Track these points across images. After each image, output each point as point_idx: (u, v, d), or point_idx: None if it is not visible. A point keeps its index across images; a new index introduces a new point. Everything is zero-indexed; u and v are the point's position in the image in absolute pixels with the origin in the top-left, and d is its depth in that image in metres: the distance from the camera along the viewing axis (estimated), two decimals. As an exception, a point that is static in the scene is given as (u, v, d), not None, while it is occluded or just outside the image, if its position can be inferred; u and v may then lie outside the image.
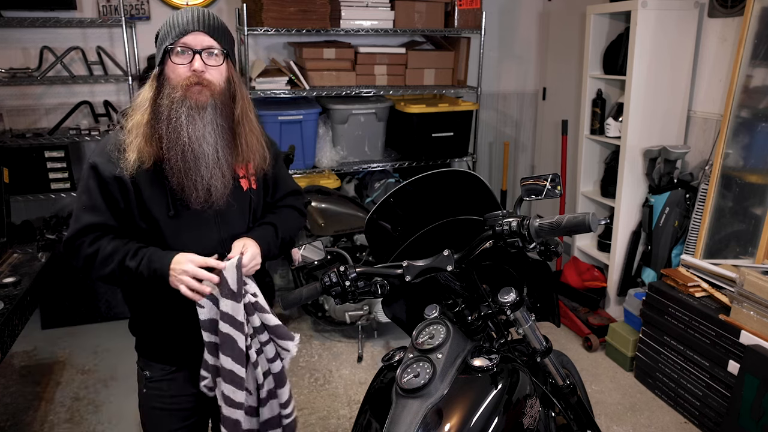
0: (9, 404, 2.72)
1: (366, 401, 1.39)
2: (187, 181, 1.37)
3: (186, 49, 1.37)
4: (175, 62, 1.37)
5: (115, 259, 1.38)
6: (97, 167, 1.39)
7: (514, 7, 4.26)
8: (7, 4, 3.24)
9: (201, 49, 1.37)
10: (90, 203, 1.40)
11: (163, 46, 1.39)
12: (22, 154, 3.25)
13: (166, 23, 1.41)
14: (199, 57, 1.37)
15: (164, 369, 1.56)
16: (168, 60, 1.38)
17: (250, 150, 1.47)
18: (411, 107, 3.62)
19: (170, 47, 1.37)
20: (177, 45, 1.36)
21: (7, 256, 2.53)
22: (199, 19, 1.38)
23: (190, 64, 1.37)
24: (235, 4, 3.64)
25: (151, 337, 1.57)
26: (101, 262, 1.38)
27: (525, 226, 1.21)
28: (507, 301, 1.34)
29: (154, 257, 1.37)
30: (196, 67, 1.36)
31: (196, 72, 1.37)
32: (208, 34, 1.38)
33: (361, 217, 3.17)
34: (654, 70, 2.97)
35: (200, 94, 1.37)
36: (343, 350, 3.20)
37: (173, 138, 1.37)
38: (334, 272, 1.36)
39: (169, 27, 1.39)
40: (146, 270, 1.36)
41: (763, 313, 2.22)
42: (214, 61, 1.40)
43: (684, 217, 3.00)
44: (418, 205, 1.52)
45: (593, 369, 3.03)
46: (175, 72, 1.38)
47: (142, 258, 1.37)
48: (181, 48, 1.37)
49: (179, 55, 1.37)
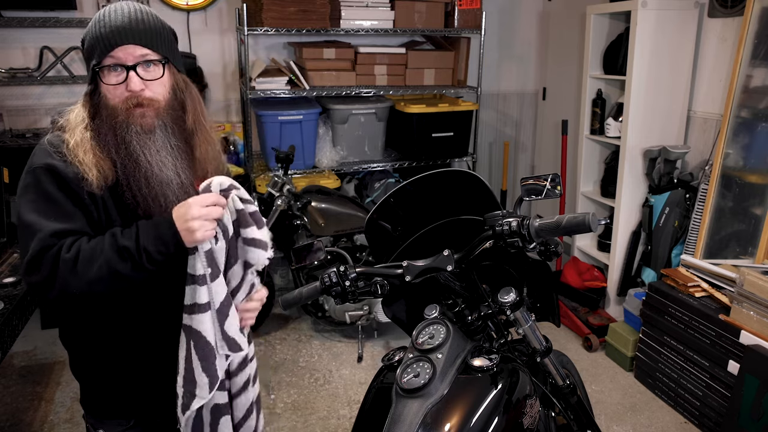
0: (9, 404, 2.72)
1: (366, 401, 1.39)
2: (155, 208, 1.20)
3: (117, 66, 1.18)
4: (108, 83, 1.18)
5: (104, 248, 1.10)
6: (55, 168, 1.16)
7: (514, 7, 4.26)
8: (7, 4, 3.25)
9: (134, 63, 1.18)
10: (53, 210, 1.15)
11: (90, 63, 1.19)
12: (22, 154, 3.21)
13: (90, 32, 1.20)
14: (134, 74, 1.18)
15: (120, 425, 1.34)
16: (99, 80, 1.20)
17: (207, 161, 1.31)
18: (411, 107, 3.62)
19: (98, 66, 1.18)
20: (105, 61, 1.17)
21: (7, 256, 2.53)
22: (125, 28, 1.17)
23: (125, 83, 1.18)
24: (235, 4, 3.64)
25: (101, 386, 1.32)
26: (85, 261, 1.09)
27: (525, 226, 1.21)
28: (507, 301, 1.34)
29: (149, 226, 1.13)
30: (133, 88, 1.18)
31: (134, 93, 1.18)
32: (140, 44, 1.18)
33: (361, 217, 3.17)
34: (654, 70, 2.97)
35: (144, 118, 1.20)
36: (343, 350, 3.20)
37: (130, 165, 1.19)
38: (334, 272, 1.36)
39: (93, 38, 1.19)
40: (151, 242, 1.10)
41: (763, 313, 2.22)
42: (152, 73, 1.21)
43: (684, 217, 2.99)
44: (418, 205, 1.52)
45: (593, 369, 3.03)
46: (110, 92, 1.19)
47: (137, 232, 1.12)
48: (111, 64, 1.17)
49: (110, 73, 1.18)
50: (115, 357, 1.30)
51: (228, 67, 3.83)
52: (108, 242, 1.11)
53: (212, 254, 1.18)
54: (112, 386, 1.32)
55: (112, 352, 1.29)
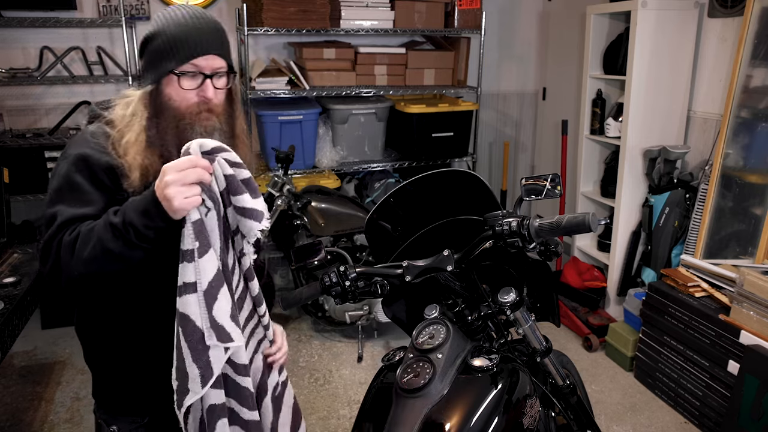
0: (9, 404, 2.72)
1: (366, 401, 1.39)
2: None
3: (196, 73, 1.21)
4: (186, 87, 1.21)
5: (96, 228, 1.09)
6: (88, 158, 1.18)
7: (514, 7, 4.26)
8: (7, 4, 3.25)
9: (212, 73, 1.23)
10: (75, 198, 1.16)
11: (166, 66, 1.21)
12: (22, 154, 3.25)
13: (166, 31, 1.21)
14: (210, 82, 1.23)
15: (135, 422, 1.33)
16: (172, 82, 1.22)
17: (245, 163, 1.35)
18: (411, 107, 3.62)
19: (180, 71, 1.20)
20: (185, 67, 1.20)
21: (7, 256, 2.53)
22: (209, 39, 1.22)
23: (200, 89, 1.22)
24: (235, 4, 3.64)
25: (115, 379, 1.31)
26: (82, 242, 1.09)
27: (525, 226, 1.21)
28: (507, 301, 1.34)
29: (136, 201, 1.09)
30: (209, 96, 1.23)
31: (206, 99, 1.23)
32: (219, 55, 1.23)
33: (361, 217, 3.17)
34: (654, 70, 2.97)
35: (208, 121, 1.24)
36: (343, 350, 3.20)
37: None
38: (334, 272, 1.36)
39: (173, 40, 1.20)
40: (136, 216, 1.06)
41: (763, 313, 2.22)
42: (222, 83, 1.27)
43: (684, 217, 3.00)
44: (418, 205, 1.52)
45: (593, 369, 3.03)
46: (181, 96, 1.22)
47: (125, 209, 1.09)
48: (191, 71, 1.21)
49: (189, 79, 1.21)
50: (128, 349, 1.29)
51: (228, 67, 3.82)
52: (102, 221, 1.09)
53: (201, 225, 1.07)
54: (125, 380, 1.31)
55: (125, 343, 1.28)
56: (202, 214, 1.08)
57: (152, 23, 1.24)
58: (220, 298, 1.09)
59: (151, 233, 1.06)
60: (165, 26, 1.22)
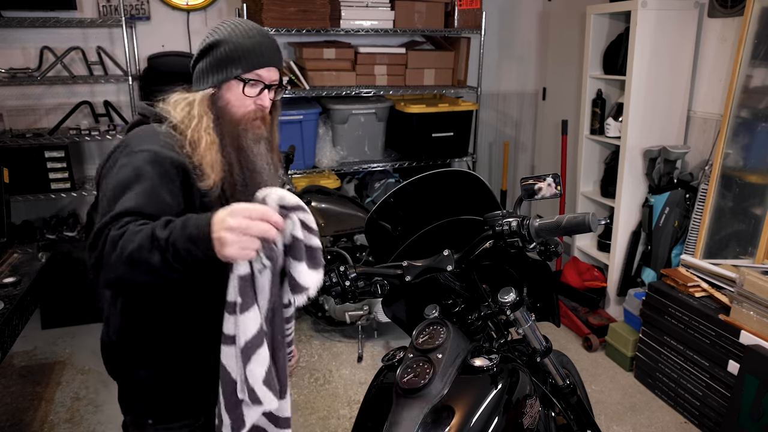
0: (9, 404, 2.72)
1: (366, 401, 1.39)
2: None
3: (258, 82, 1.30)
4: (247, 94, 1.29)
5: (142, 233, 1.01)
6: (160, 154, 1.18)
7: (514, 7, 4.26)
8: (7, 4, 3.24)
9: (270, 84, 1.32)
10: (142, 192, 1.12)
11: (232, 71, 1.27)
12: (22, 154, 3.25)
13: (233, 40, 1.28)
14: (268, 92, 1.32)
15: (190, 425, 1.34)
16: (234, 87, 1.29)
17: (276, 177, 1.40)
18: (411, 107, 3.62)
19: (246, 78, 1.28)
20: (249, 75, 1.29)
21: (7, 256, 2.53)
22: (273, 53, 1.32)
23: (258, 98, 1.31)
24: (235, 4, 3.64)
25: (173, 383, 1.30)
26: (125, 241, 1.01)
27: (525, 226, 1.21)
28: (507, 301, 1.34)
29: (189, 221, 1.00)
30: (264, 104, 1.32)
31: (262, 107, 1.32)
32: (278, 68, 1.34)
33: (361, 217, 3.17)
34: (654, 70, 2.97)
35: (259, 129, 1.32)
36: (343, 350, 3.20)
37: (248, 170, 1.29)
38: (334, 272, 1.36)
39: (242, 51, 1.27)
40: (182, 238, 0.98)
41: (763, 313, 2.22)
42: (275, 94, 1.35)
43: (684, 217, 3.00)
44: (418, 205, 1.52)
45: (593, 369, 3.03)
46: (240, 102, 1.29)
47: (176, 224, 1.01)
48: (254, 79, 1.29)
49: (251, 87, 1.29)
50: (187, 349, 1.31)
51: (228, 67, 3.82)
52: (150, 228, 1.02)
53: (247, 282, 1.00)
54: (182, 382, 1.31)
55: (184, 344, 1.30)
56: (256, 270, 1.01)
57: (216, 32, 1.31)
58: (256, 359, 1.02)
59: (190, 260, 0.98)
60: (232, 36, 1.28)
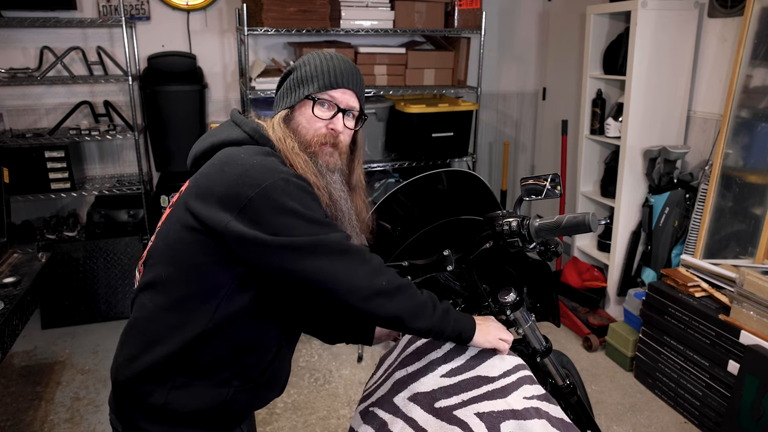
0: (9, 404, 2.72)
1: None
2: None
3: (331, 104, 1.24)
4: (318, 115, 1.23)
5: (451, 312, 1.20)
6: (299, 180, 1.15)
7: (514, 7, 4.26)
8: (7, 4, 3.25)
9: (345, 108, 1.25)
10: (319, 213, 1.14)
11: (303, 91, 1.23)
12: (22, 154, 3.25)
13: (312, 63, 1.25)
14: (341, 116, 1.24)
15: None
16: (305, 108, 1.24)
17: (360, 221, 1.32)
18: (411, 107, 3.62)
19: (317, 97, 1.23)
20: (322, 95, 1.23)
21: (7, 256, 2.53)
22: (351, 76, 1.26)
23: (330, 120, 1.24)
24: (235, 4, 3.64)
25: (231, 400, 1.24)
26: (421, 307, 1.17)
27: (525, 226, 1.21)
28: (507, 301, 1.34)
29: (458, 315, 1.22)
30: (337, 128, 1.24)
31: (334, 132, 1.24)
32: (356, 95, 1.27)
33: (361, 217, 3.16)
34: (654, 70, 2.97)
35: (330, 156, 1.24)
36: (343, 350, 3.20)
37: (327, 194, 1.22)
38: (335, 272, 1.35)
39: (317, 70, 1.24)
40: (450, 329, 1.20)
41: (763, 313, 2.22)
42: (351, 123, 1.27)
43: (684, 217, 3.00)
44: (418, 205, 1.52)
45: (593, 369, 3.03)
46: (310, 123, 1.23)
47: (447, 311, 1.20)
48: (327, 99, 1.23)
49: (322, 108, 1.23)
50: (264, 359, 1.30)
51: (228, 67, 3.83)
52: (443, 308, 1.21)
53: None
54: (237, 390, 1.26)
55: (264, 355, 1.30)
56: None
57: (301, 59, 1.29)
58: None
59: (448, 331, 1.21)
60: (310, 60, 1.26)
